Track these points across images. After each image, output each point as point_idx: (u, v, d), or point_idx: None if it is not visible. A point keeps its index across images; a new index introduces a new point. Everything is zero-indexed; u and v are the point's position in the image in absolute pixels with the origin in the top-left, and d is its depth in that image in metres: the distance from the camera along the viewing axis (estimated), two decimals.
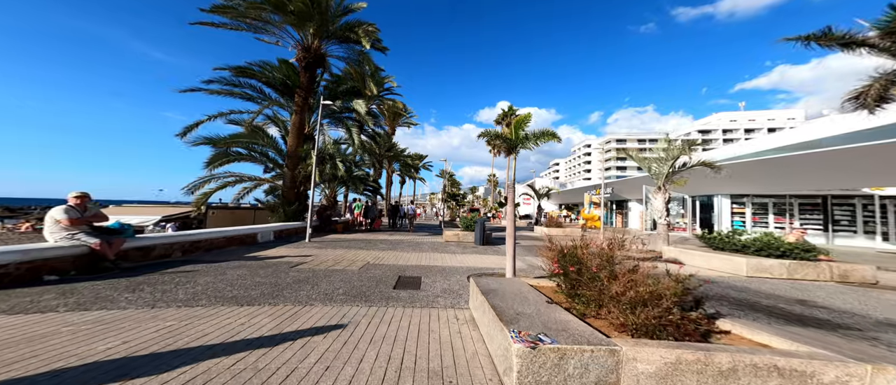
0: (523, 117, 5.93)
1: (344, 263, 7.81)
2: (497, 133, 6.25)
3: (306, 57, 15.09)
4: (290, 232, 12.27)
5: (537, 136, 5.89)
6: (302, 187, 14.46)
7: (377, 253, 9.75)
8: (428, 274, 7.11)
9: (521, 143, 5.79)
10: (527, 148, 5.97)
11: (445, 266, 8.11)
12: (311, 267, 7.06)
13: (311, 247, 10.32)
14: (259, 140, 13.12)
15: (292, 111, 14.67)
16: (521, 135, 5.77)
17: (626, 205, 28.31)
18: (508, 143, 5.93)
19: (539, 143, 5.88)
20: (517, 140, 5.64)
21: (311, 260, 7.97)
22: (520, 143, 5.78)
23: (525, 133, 5.76)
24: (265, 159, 13.62)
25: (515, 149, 5.92)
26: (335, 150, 16.46)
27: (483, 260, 9.28)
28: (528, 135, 5.70)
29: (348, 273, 6.72)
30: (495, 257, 9.90)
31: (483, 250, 11.45)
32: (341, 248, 10.52)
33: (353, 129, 16.17)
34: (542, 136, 5.86)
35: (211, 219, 12.29)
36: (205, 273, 5.98)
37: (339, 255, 8.94)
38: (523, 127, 5.81)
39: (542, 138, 5.97)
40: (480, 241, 13.06)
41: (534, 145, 5.91)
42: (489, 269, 7.95)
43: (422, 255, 9.77)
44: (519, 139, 5.77)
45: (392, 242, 12.61)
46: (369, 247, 11.04)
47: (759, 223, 16.36)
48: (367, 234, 15.37)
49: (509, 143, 5.92)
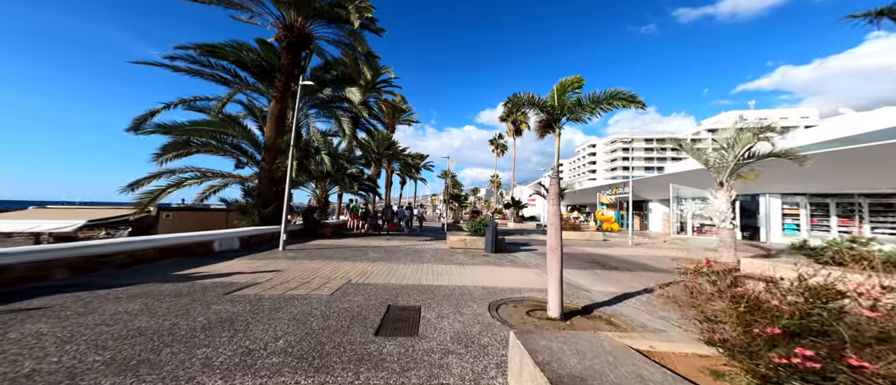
0: (572, 79, 4.08)
1: (315, 284, 5.64)
2: (532, 99, 4.34)
3: (288, 36, 13.00)
4: (264, 238, 10.12)
5: (598, 100, 3.77)
6: (281, 185, 12.30)
7: (365, 265, 7.58)
8: (431, 300, 4.95)
9: (568, 113, 3.94)
10: (579, 118, 4.03)
11: (454, 286, 5.93)
12: (258, 293, 4.88)
13: (282, 257, 8.16)
14: (229, 129, 11.01)
15: (271, 98, 12.54)
16: (569, 101, 3.84)
17: (646, 206, 26.01)
18: (548, 113, 4.08)
19: (599, 112, 3.90)
20: (562, 109, 3.66)
21: (268, 280, 5.79)
22: (566, 114, 3.91)
23: (577, 98, 3.79)
24: (237, 152, 11.51)
25: (558, 122, 4.06)
26: (323, 142, 14.33)
27: (501, 275, 7.09)
28: (583, 101, 3.74)
29: (312, 302, 4.54)
30: (516, 271, 7.70)
31: (497, 260, 9.27)
32: (322, 258, 8.36)
33: (343, 118, 14.03)
34: (609, 99, 3.62)
35: (166, 223, 10.20)
36: (54, 313, 3.72)
37: (313, 270, 6.77)
38: (572, 91, 3.90)
39: (609, 103, 3.76)
40: (492, 248, 10.87)
41: (588, 115, 3.90)
42: (514, 290, 5.76)
43: (422, 267, 7.60)
44: (565, 108, 3.87)
45: (387, 250, 10.43)
46: (358, 256, 8.87)
47: (818, 227, 14.12)
48: (361, 240, 13.19)
49: (550, 114, 4.07)
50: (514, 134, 41.44)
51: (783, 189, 14.52)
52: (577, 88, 4.69)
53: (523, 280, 6.73)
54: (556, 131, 4.68)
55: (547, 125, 5.08)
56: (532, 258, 10.18)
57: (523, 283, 6.41)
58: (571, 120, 4.71)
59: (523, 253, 11.36)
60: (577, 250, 12.61)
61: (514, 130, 41.28)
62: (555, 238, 4.33)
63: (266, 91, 13.41)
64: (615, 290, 6.05)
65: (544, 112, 4.73)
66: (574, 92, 4.64)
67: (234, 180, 11.75)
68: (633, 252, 12.34)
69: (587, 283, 6.60)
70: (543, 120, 5.08)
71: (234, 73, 12.55)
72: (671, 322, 4.35)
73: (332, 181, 19.06)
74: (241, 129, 11.38)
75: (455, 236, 11.96)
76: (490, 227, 11.01)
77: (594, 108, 4.40)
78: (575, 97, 4.59)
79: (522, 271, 7.73)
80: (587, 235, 17.74)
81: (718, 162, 8.92)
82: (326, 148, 13.36)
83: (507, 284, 6.28)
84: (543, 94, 4.82)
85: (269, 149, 11.82)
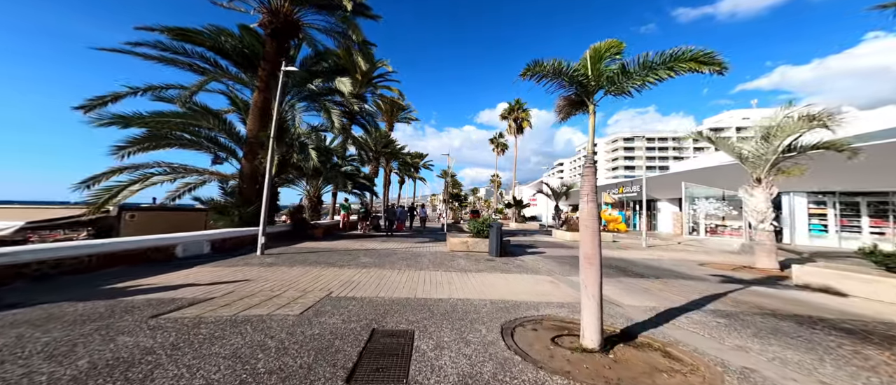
0: (608, 44, 3.04)
1: (284, 298, 4.57)
2: (559, 67, 3.32)
3: (273, 22, 11.92)
4: (242, 240, 9.04)
5: (651, 66, 2.72)
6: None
7: (353, 273, 6.52)
8: (427, 321, 3.90)
9: (606, 85, 2.91)
10: (623, 90, 3.01)
11: (456, 300, 4.88)
12: (200, 314, 3.80)
13: (257, 263, 7.09)
14: (204, 121, 9.90)
15: (254, 88, 11.45)
16: (608, 70, 2.82)
17: (655, 205, 24.96)
18: (580, 85, 3.09)
19: (651, 83, 2.89)
20: (598, 79, 2.62)
21: (226, 294, 4.72)
22: (604, 85, 2.90)
23: (621, 65, 2.76)
24: (215, 147, 10.41)
25: (591, 96, 3.06)
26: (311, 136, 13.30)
27: (511, 285, 6.04)
28: (631, 68, 2.69)
29: (270, 327, 3.48)
30: (527, 279, 6.64)
31: (503, 265, 8.22)
32: (305, 263, 7.29)
33: (333, 111, 12.91)
34: (670, 63, 2.50)
35: (129, 224, 9.10)
36: None
37: (289, 280, 5.70)
38: (610, 58, 2.89)
39: (669, 69, 2.63)
40: (497, 251, 9.82)
41: (636, 86, 2.87)
42: (529, 305, 4.70)
43: (419, 275, 6.54)
44: (602, 78, 2.85)
45: (381, 254, 9.37)
46: (347, 261, 7.81)
47: (848, 228, 13.09)
48: (355, 242, 12.12)
49: (582, 87, 3.08)
50: (515, 132, 40.36)
51: (809, 186, 13.49)
52: (614, 55, 3.61)
53: (537, 291, 5.67)
54: (590, 108, 3.61)
55: (575, 103, 4.01)
56: (542, 262, 9.13)
57: (538, 295, 5.35)
58: (613, 93, 3.62)
59: (531, 256, 10.31)
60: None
61: (515, 128, 40.19)
62: (591, 245, 3.27)
63: (249, 82, 12.33)
64: (653, 304, 4.99)
65: (574, 84, 3.66)
66: (613, 59, 3.56)
67: (214, 177, 10.66)
68: (651, 255, 11.28)
69: (614, 295, 5.55)
70: (569, 97, 4.01)
71: (214, 61, 11.46)
72: (765, 357, 3.29)
73: (325, 179, 18.01)
74: (218, 121, 10.26)
75: (456, 238, 10.91)
76: (494, 229, 9.96)
77: (646, 76, 3.31)
78: (617, 64, 3.50)
79: (534, 279, 6.67)
80: None
81: (756, 155, 7.84)
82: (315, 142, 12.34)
83: (520, 297, 5.22)
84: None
85: (251, 143, 10.74)
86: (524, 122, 39.69)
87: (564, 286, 6.17)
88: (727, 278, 6.98)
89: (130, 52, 9.23)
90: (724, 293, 5.73)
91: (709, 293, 5.72)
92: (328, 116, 12.91)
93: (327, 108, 13.06)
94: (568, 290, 5.83)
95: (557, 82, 3.87)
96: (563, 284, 6.31)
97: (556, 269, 8.31)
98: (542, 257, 10.23)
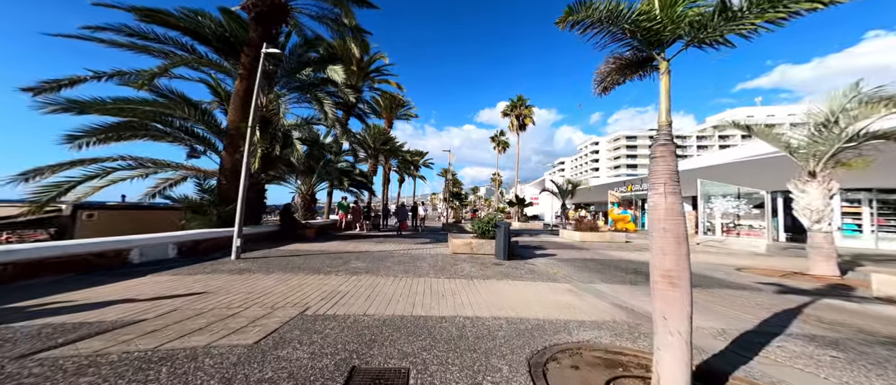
0: None
1: (243, 319, 3.54)
2: (616, 9, 2.53)
3: (258, 4, 10.86)
4: (218, 243, 7.99)
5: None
6: (251, 179, 10.17)
7: (339, 282, 5.48)
8: (427, 352, 2.91)
9: (688, 32, 2.12)
10: (717, 38, 2.21)
11: (464, 319, 3.85)
12: (101, 350, 2.76)
13: (227, 270, 6.04)
14: (178, 110, 8.80)
15: (237, 76, 10.38)
16: (692, 13, 2.08)
17: None
18: (644, 36, 2.27)
19: (761, 27, 2.11)
20: (677, 24, 1.96)
21: (165, 313, 3.68)
22: (682, 31, 2.13)
23: (722, 2, 2.05)
24: (191, 139, 9.33)
25: (663, 49, 2.26)
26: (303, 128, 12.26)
27: (527, 296, 5.00)
28: (736, 4, 2.02)
29: (201, 369, 2.44)
30: (543, 288, 5.60)
31: (513, 270, 7.18)
32: (285, 270, 6.25)
33: (325, 101, 11.85)
34: None
35: (87, 225, 8.02)
36: None
37: (257, 292, 4.66)
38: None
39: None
40: (504, 254, 8.79)
41: (744, 31, 2.06)
42: (555, 325, 3.67)
43: (417, 284, 5.50)
44: (682, 23, 2.12)
45: (376, 257, 8.34)
46: (335, 266, 6.77)
47: (885, 228, 12.03)
48: (349, 243, 11.08)
49: (645, 38, 2.27)
50: (517, 129, 39.29)
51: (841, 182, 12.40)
52: None
53: (559, 304, 4.63)
54: (662, 66, 2.56)
55: (631, 64, 2.99)
56: (555, 267, 8.10)
57: (562, 310, 4.31)
58: (700, 42, 2.56)
59: (541, 259, 9.27)
60: (606, 255, 10.52)
61: (517, 125, 39.13)
62: (675, 257, 2.22)
63: (232, 70, 11.26)
64: (720, 326, 3.94)
65: (638, 34, 2.61)
66: None
67: (192, 173, 9.61)
68: None
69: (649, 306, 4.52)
70: (624, 57, 2.98)
71: (191, 47, 10.37)
72: None
73: (319, 177, 16.97)
74: (195, 111, 9.18)
75: (458, 239, 9.87)
76: (501, 229, 8.91)
77: (760, 15, 2.23)
78: (710, 3, 2.41)
79: (551, 288, 5.62)
80: (606, 237, 15.65)
81: (810, 144, 6.74)
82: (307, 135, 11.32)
83: (541, 312, 4.18)
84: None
85: (232, 135, 9.68)
86: (527, 118, 38.64)
87: (590, 297, 5.13)
88: (783, 288, 5.95)
89: (90, 39, 8.10)
90: (797, 309, 4.69)
91: (778, 309, 4.67)
92: (320, 107, 11.85)
93: (319, 98, 12.00)
94: (596, 303, 4.79)
95: (610, 33, 2.82)
96: (588, 295, 5.28)
97: (573, 274, 7.27)
98: (553, 260, 9.20)
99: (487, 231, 9.81)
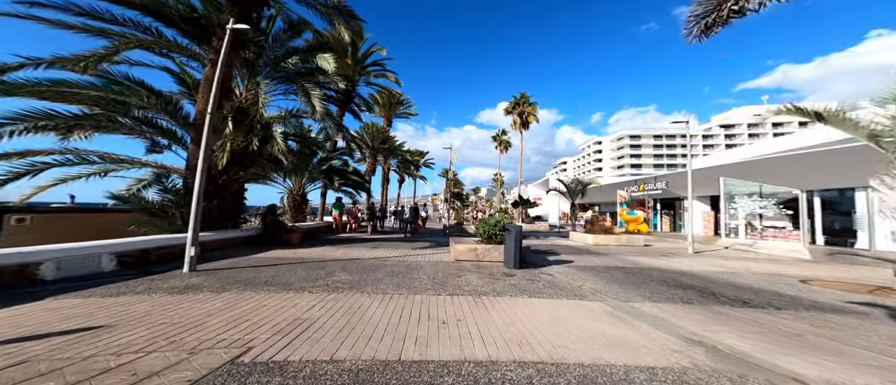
0: None
1: (130, 373, 2.26)
2: None
3: None
4: (175, 252, 6.71)
5: None
6: (224, 177, 8.93)
7: (310, 301, 4.24)
8: None
9: None
10: None
11: (473, 368, 2.60)
12: None
13: (168, 288, 4.79)
14: (134, 97, 7.46)
15: (207, 61, 9.12)
16: None
17: (681, 204, 22.55)
18: None
19: None
20: None
21: (13, 368, 2.42)
22: None
23: None
24: (152, 130, 8.03)
25: None
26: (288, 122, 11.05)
27: (554, 319, 3.74)
28: None
29: None
30: (572, 308, 4.34)
31: (529, 283, 5.94)
32: (245, 285, 5.01)
33: (312, 91, 10.61)
34: None
35: (17, 230, 6.75)
36: None
37: (192, 320, 3.43)
38: None
39: None
40: (515, 262, 7.54)
41: None
42: (615, 377, 2.40)
43: (411, 305, 4.25)
44: None
45: (364, 267, 7.10)
46: (312, 279, 5.53)
47: None
48: (339, 248, 9.85)
49: None
50: (520, 127, 37.93)
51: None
52: None
53: (603, 337, 3.36)
54: None
55: None
56: (577, 276, 6.85)
57: (613, 350, 3.04)
58: None
59: (558, 267, 8.03)
60: (630, 261, 9.26)
61: (520, 124, 37.78)
62: None
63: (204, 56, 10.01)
64: (865, 382, 2.66)
65: None
66: None
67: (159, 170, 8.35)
68: (713, 266, 8.96)
69: (744, 344, 3.25)
70: None
71: (156, 31, 9.11)
72: None
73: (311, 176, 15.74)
74: (156, 99, 7.86)
75: (462, 245, 8.61)
76: (512, 234, 7.64)
77: None
78: None
79: (583, 309, 4.36)
80: (623, 240, 14.40)
81: None
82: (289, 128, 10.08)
83: (584, 354, 2.91)
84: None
85: (200, 127, 8.43)
86: (530, 116, 37.33)
87: (641, 324, 3.86)
88: (892, 311, 4.70)
89: (28, 17, 6.74)
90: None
91: None
92: (306, 98, 10.59)
93: (306, 88, 10.75)
94: (654, 334, 3.53)
95: None
96: (637, 320, 4.01)
97: (602, 287, 6.02)
98: (572, 269, 7.95)
99: (494, 235, 8.56)
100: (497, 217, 8.93)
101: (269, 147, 9.10)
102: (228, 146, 7.68)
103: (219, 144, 7.81)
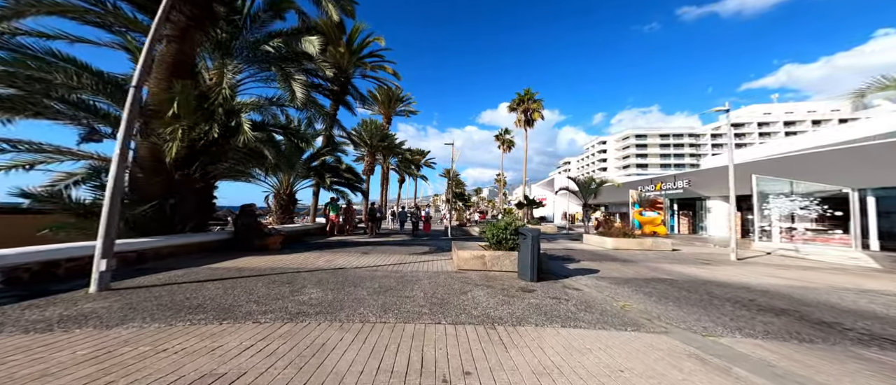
0: None
1: None
2: None
3: None
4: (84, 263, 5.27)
5: None
6: (183, 171, 7.51)
7: (247, 339, 2.82)
8: None
9: None
10: None
11: None
12: None
13: (34, 321, 3.40)
14: (61, 74, 5.97)
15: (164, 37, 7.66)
16: None
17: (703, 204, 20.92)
18: None
19: None
20: None
21: None
22: None
23: None
24: (87, 115, 6.55)
25: None
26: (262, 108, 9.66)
27: (609, 370, 2.24)
28: None
29: None
30: (629, 347, 2.87)
31: (554, 302, 4.49)
32: (168, 311, 3.61)
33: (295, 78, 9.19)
34: None
35: None
36: None
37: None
38: None
39: None
40: (533, 273, 6.05)
41: None
42: None
43: (397, 342, 2.80)
44: None
45: (349, 278, 5.67)
46: (268, 300, 4.11)
47: None
48: (321, 255, 8.43)
49: None
50: (524, 125, 36.39)
51: None
52: None
53: None
54: None
55: None
56: (611, 291, 5.41)
57: None
58: None
59: (585, 278, 6.58)
60: (666, 270, 7.79)
61: (524, 121, 36.25)
62: None
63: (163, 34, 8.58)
64: None
65: None
66: None
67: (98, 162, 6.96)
68: (770, 276, 7.47)
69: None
70: None
71: (113, 6, 7.72)
72: None
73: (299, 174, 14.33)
74: (92, 78, 6.38)
75: (466, 251, 7.14)
76: (528, 239, 6.14)
77: None
78: None
79: (648, 350, 2.88)
80: (646, 244, 12.94)
81: None
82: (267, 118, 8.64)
83: None
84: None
85: (153, 113, 7.02)
86: (535, 113, 35.84)
87: (762, 381, 2.38)
88: None
89: None
90: None
91: None
92: (285, 83, 9.15)
93: (286, 72, 9.33)
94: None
95: None
96: (733, 364, 2.53)
97: (654, 308, 4.57)
98: (602, 280, 6.50)
99: (505, 240, 7.10)
100: (508, 219, 7.47)
101: (237, 138, 7.67)
102: (179, 134, 6.25)
103: (168, 131, 6.38)
